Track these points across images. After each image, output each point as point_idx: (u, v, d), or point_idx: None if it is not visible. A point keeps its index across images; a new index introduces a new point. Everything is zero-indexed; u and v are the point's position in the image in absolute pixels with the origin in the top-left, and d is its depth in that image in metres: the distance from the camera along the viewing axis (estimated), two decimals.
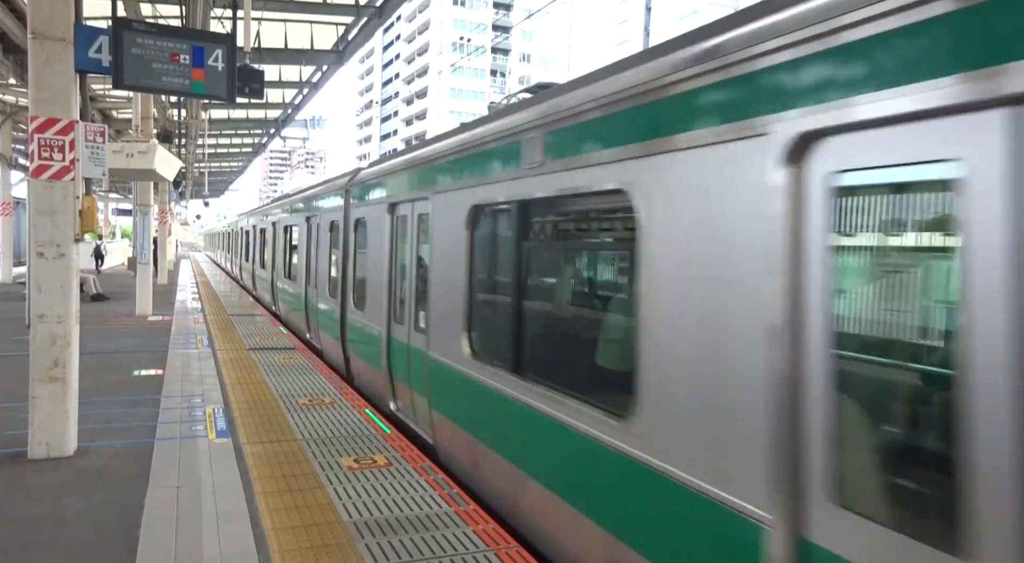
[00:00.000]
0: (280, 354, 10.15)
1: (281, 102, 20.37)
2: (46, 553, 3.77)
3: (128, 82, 5.72)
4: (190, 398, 7.25)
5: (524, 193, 4.32)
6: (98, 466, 5.17)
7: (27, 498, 4.53)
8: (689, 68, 2.87)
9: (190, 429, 6.10)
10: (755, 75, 2.54)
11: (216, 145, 29.59)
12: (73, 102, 5.34)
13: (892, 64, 2.06)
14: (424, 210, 6.27)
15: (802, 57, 2.36)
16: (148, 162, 12.17)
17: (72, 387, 5.44)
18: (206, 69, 5.94)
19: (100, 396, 7.28)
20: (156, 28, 5.96)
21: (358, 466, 5.22)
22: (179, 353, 9.96)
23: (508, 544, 3.95)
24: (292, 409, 6.89)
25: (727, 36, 2.73)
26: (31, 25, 5.16)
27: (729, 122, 2.65)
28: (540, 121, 4.09)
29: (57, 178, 5.27)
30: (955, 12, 1.90)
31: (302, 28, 13.75)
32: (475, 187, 5.07)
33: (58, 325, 5.31)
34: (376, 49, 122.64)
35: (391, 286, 7.20)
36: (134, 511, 4.32)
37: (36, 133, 5.20)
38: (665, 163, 3.01)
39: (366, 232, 8.12)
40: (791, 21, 2.41)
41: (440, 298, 5.64)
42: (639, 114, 3.21)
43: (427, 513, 4.35)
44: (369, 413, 6.78)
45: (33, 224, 5.35)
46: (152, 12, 12.04)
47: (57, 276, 5.31)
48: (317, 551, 3.80)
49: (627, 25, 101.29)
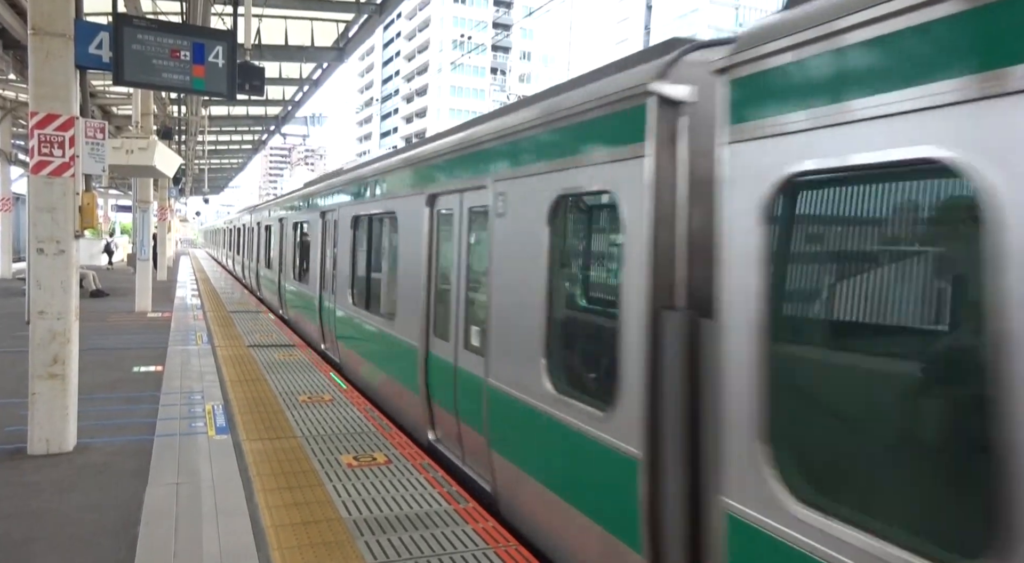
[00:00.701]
0: (280, 351, 10.15)
1: (281, 99, 20.34)
2: (45, 549, 3.77)
3: (128, 78, 5.71)
4: (190, 395, 7.25)
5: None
6: (98, 462, 5.17)
7: (26, 494, 4.53)
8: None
9: (190, 426, 6.10)
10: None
11: (216, 142, 29.54)
12: (73, 98, 5.33)
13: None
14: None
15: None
16: (148, 158, 12.15)
17: (72, 383, 5.43)
18: (206, 65, 5.93)
19: (100, 392, 7.28)
20: (157, 24, 5.96)
21: (357, 463, 5.22)
22: (178, 350, 9.96)
23: (507, 542, 3.95)
24: (292, 406, 6.89)
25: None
26: (31, 21, 5.15)
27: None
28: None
29: (57, 174, 5.26)
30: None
31: (303, 25, 13.73)
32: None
33: (58, 321, 5.31)
34: (376, 46, 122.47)
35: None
36: (133, 508, 4.32)
37: (36, 129, 5.19)
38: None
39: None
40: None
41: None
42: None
43: (426, 511, 4.35)
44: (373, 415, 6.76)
45: (33, 220, 5.35)
46: (152, 8, 12.04)
47: (57, 272, 5.30)
48: (316, 548, 3.80)
49: (628, 23, 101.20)
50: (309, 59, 14.97)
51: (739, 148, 2.62)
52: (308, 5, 12.51)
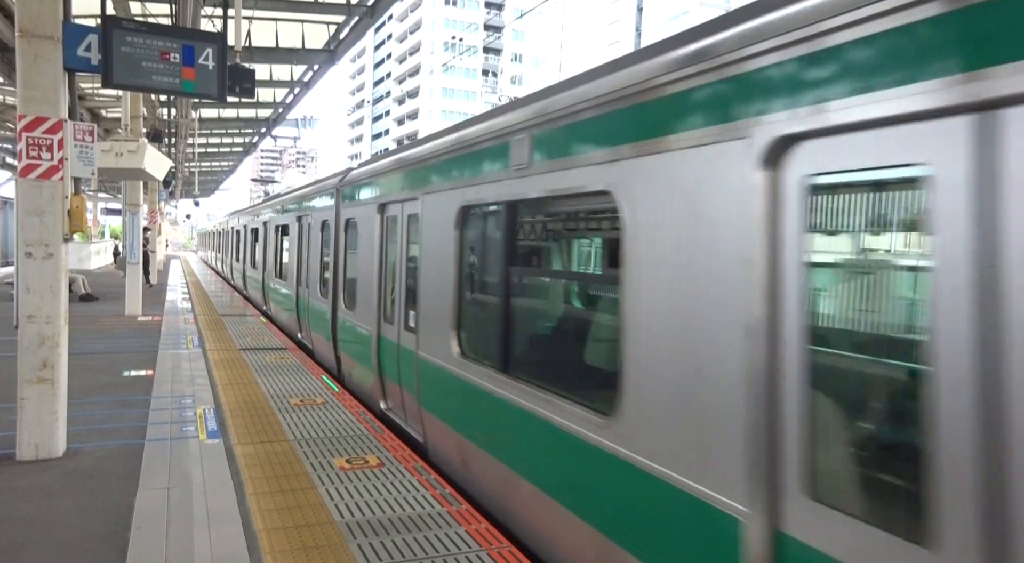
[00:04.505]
0: (271, 354, 10.10)
1: (272, 101, 20.26)
2: (35, 555, 3.74)
3: (117, 81, 5.68)
4: (180, 399, 7.20)
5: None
6: (88, 467, 5.13)
7: (16, 500, 4.49)
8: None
9: (180, 430, 6.06)
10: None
11: (206, 144, 29.40)
12: (62, 101, 5.29)
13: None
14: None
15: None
16: (137, 161, 12.09)
17: (61, 388, 5.39)
18: (196, 68, 5.91)
19: (90, 397, 7.23)
20: (146, 27, 5.92)
21: (350, 466, 5.20)
22: (169, 354, 9.90)
23: (501, 544, 3.95)
24: (283, 409, 6.86)
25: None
26: (19, 23, 5.12)
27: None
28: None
29: (45, 177, 5.22)
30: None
31: (293, 27, 13.69)
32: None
33: (47, 325, 5.27)
34: (368, 48, 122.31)
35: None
36: (124, 512, 4.29)
37: (24, 132, 5.15)
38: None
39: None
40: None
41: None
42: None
43: (419, 513, 4.35)
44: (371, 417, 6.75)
45: (21, 224, 5.31)
46: (142, 11, 11.96)
47: (46, 276, 5.26)
48: (309, 552, 3.79)
49: (619, 25, 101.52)
50: (300, 61, 14.92)
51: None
52: (298, 7, 12.48)
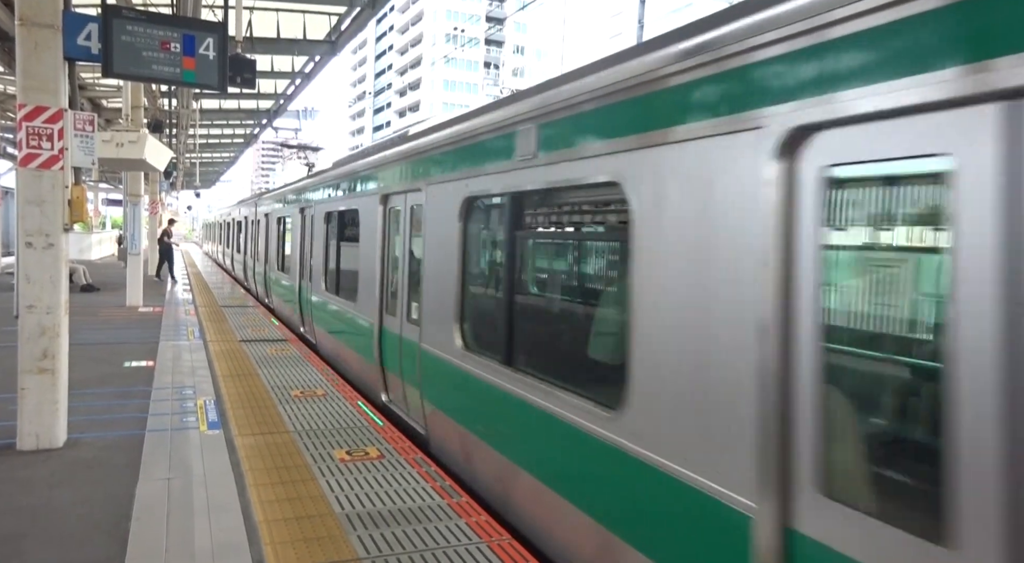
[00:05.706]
0: (272, 346, 10.11)
1: (273, 93, 20.18)
2: (36, 545, 3.75)
3: (118, 70, 5.65)
4: (181, 390, 7.21)
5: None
6: (88, 458, 5.14)
7: (16, 490, 4.50)
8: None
9: (181, 421, 6.07)
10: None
11: (207, 135, 29.32)
12: (62, 90, 5.27)
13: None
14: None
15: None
16: (138, 152, 12.05)
17: (62, 378, 5.39)
18: (197, 58, 5.87)
19: (90, 387, 7.23)
20: (146, 16, 5.88)
21: (350, 458, 5.21)
22: (170, 344, 9.91)
23: (500, 536, 3.95)
24: (284, 401, 6.86)
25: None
26: (19, 11, 5.08)
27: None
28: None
29: (46, 167, 5.21)
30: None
31: (295, 18, 13.61)
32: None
33: (47, 316, 5.27)
34: (369, 40, 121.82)
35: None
36: (125, 503, 4.29)
37: (24, 121, 5.13)
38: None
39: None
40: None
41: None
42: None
43: (419, 505, 4.35)
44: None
45: (21, 214, 5.29)
46: (142, 0, 11.90)
47: (46, 266, 5.25)
48: (309, 543, 3.79)
49: (621, 17, 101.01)
50: (301, 52, 14.85)
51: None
52: None
